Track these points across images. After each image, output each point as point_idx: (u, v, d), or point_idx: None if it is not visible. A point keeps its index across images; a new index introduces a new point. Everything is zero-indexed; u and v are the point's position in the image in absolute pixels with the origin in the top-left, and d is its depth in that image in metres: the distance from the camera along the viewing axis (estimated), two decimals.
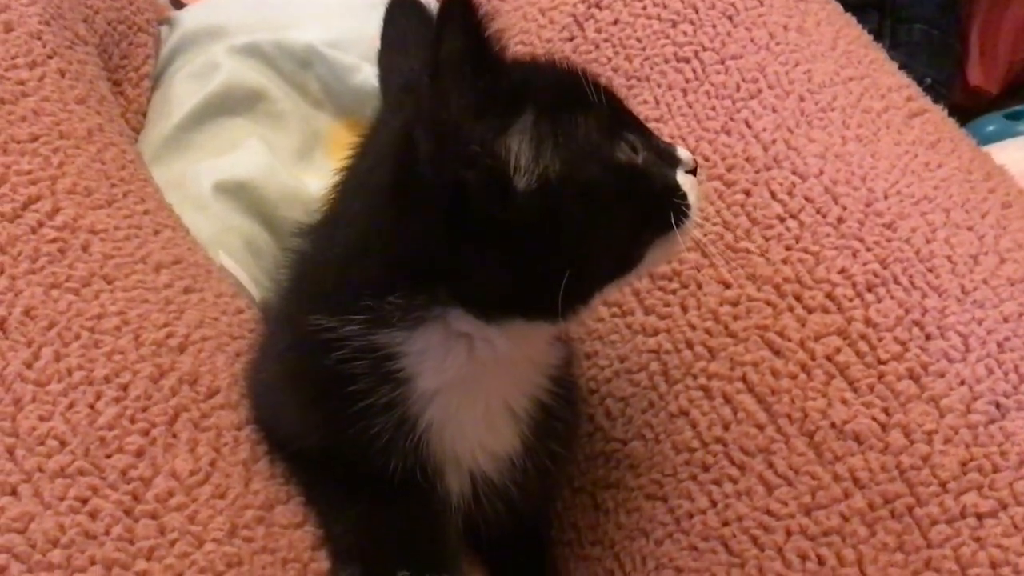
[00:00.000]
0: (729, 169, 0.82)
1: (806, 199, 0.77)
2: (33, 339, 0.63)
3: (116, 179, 0.80)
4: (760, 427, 0.68)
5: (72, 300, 0.67)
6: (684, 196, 0.60)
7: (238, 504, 0.60)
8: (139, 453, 0.60)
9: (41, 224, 0.70)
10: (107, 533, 0.55)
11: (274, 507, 0.61)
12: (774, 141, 0.82)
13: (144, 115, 1.06)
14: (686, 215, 0.60)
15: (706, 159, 0.83)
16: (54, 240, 0.70)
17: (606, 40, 0.97)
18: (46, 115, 0.79)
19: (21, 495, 0.56)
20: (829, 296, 0.71)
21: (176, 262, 0.76)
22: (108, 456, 0.59)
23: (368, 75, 1.10)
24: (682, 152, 0.63)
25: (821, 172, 0.78)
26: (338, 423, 0.59)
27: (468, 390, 0.60)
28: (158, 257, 0.75)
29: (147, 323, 0.68)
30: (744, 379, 0.71)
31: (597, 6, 1.00)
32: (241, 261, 0.88)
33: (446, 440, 0.61)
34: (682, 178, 0.61)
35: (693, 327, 0.75)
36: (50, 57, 0.85)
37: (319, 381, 0.60)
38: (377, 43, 1.14)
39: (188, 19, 1.17)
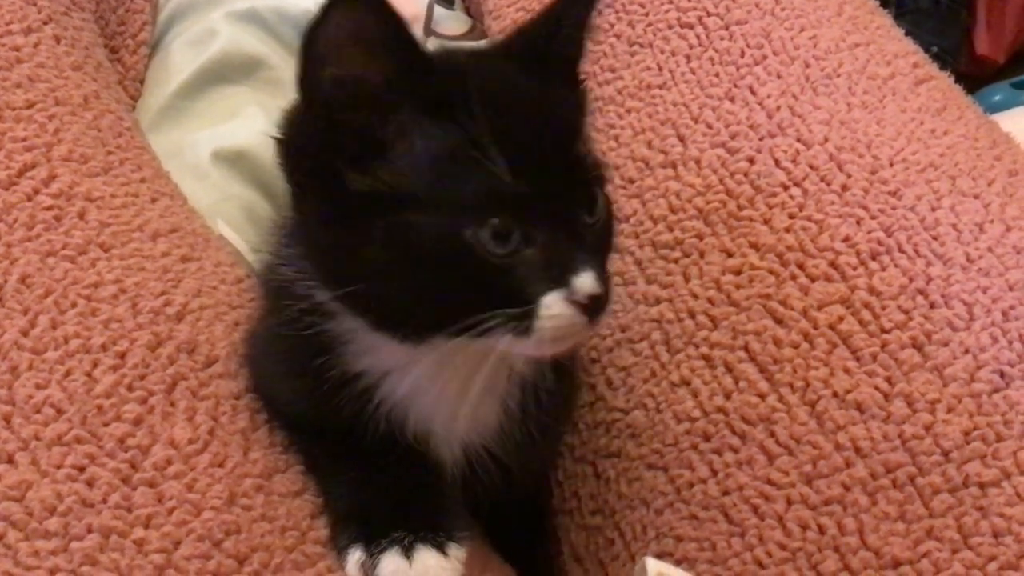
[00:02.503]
0: (733, 136, 0.81)
1: (810, 166, 0.76)
2: (29, 307, 0.63)
3: (112, 146, 0.79)
4: (762, 396, 0.68)
5: (68, 268, 0.66)
6: (529, 316, 0.52)
7: (236, 472, 0.60)
8: (137, 421, 0.60)
9: (37, 191, 0.70)
10: (104, 501, 0.55)
11: (272, 476, 0.61)
12: (778, 108, 0.81)
13: (142, 82, 1.05)
14: (524, 333, 0.52)
15: (709, 126, 0.82)
16: (50, 207, 0.69)
17: (608, 6, 0.96)
18: (41, 81, 0.78)
19: (18, 463, 0.55)
20: (832, 264, 0.70)
21: (174, 230, 0.75)
22: (105, 424, 0.59)
23: None
24: (583, 282, 0.52)
25: (826, 139, 0.77)
26: (316, 392, 0.60)
27: (424, 368, 0.58)
28: (155, 225, 0.74)
29: (144, 291, 0.67)
30: (746, 348, 0.70)
31: None
32: (240, 230, 0.88)
33: (417, 412, 0.61)
34: (553, 303, 0.52)
35: (695, 296, 0.74)
36: (45, 23, 0.84)
37: (295, 349, 0.60)
38: None
39: None
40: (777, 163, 0.77)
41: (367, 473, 0.60)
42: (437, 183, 0.52)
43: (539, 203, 0.52)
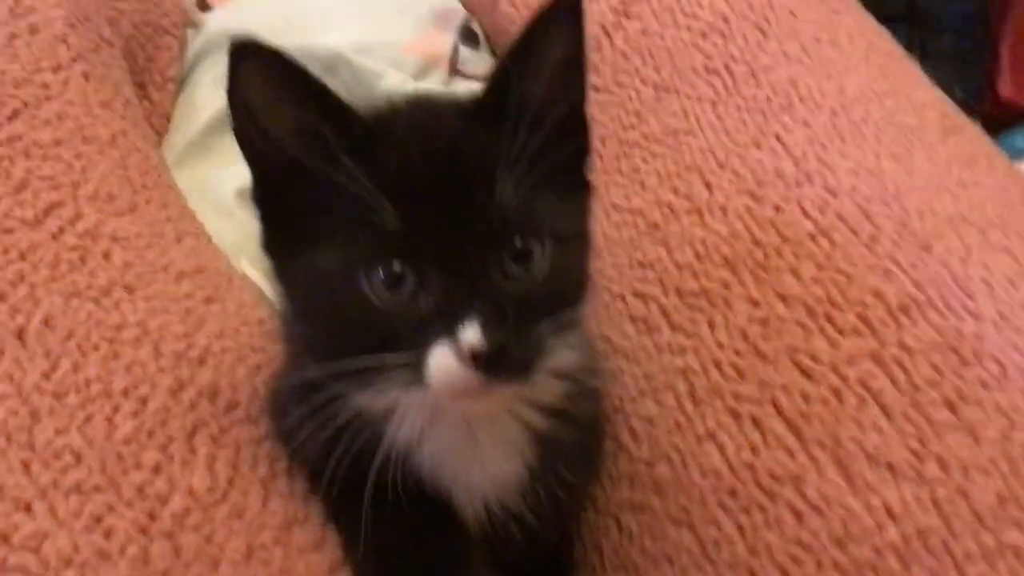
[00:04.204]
0: (759, 184, 0.80)
1: (838, 217, 0.75)
2: (52, 349, 0.63)
3: (139, 185, 0.79)
4: (791, 453, 0.66)
5: (92, 309, 0.66)
6: (419, 366, 0.52)
7: (255, 524, 0.59)
8: (156, 469, 0.59)
9: (62, 231, 0.70)
10: (122, 553, 0.54)
11: (292, 527, 0.60)
12: (806, 156, 0.80)
13: (168, 118, 1.06)
14: (419, 384, 0.52)
15: (736, 173, 0.81)
16: (75, 247, 0.69)
17: (635, 50, 0.95)
18: (70, 119, 0.78)
19: (35, 512, 0.55)
20: (862, 318, 0.69)
21: (198, 270, 0.75)
22: (125, 472, 0.58)
23: (393, 81, 1.09)
24: (467, 334, 0.50)
25: (854, 189, 0.76)
26: (339, 446, 0.58)
27: (440, 425, 0.58)
28: (180, 265, 0.74)
29: (167, 334, 0.67)
30: (774, 402, 0.68)
31: (626, 15, 0.98)
32: (264, 269, 0.87)
33: (437, 468, 0.60)
34: (440, 354, 0.51)
35: (721, 346, 0.73)
36: (74, 60, 0.84)
37: (304, 391, 0.59)
38: (405, 48, 1.15)
39: (214, 22, 1.17)
40: (805, 213, 0.76)
41: (390, 528, 0.59)
42: (337, 226, 0.53)
43: (433, 249, 0.52)
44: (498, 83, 0.57)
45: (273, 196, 0.57)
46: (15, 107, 0.75)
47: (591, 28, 0.99)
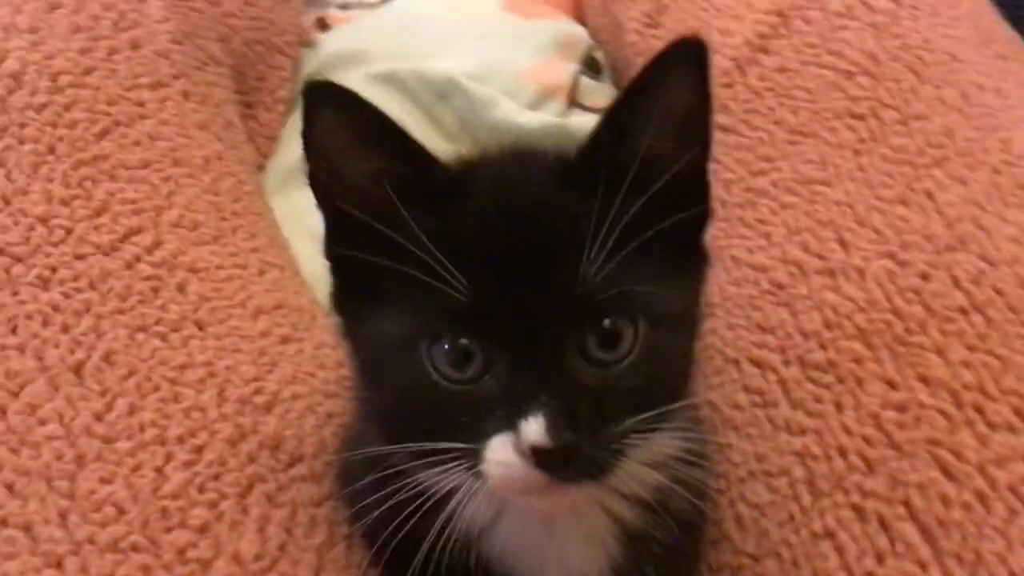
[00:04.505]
0: (904, 247, 0.71)
1: (996, 291, 0.66)
2: (108, 388, 0.59)
3: (228, 212, 0.75)
4: (922, 566, 0.58)
5: (157, 346, 0.62)
6: (475, 457, 0.47)
7: None
8: (203, 529, 0.54)
9: (138, 259, 0.66)
10: None
11: None
12: (960, 218, 0.71)
13: (275, 140, 1.03)
14: (475, 475, 0.47)
15: (877, 232, 0.73)
16: (149, 277, 0.65)
17: (769, 89, 0.87)
18: (162, 140, 0.75)
19: (66, 569, 0.51)
20: (1018, 412, 0.60)
21: (278, 307, 0.71)
22: (168, 531, 0.54)
23: (506, 110, 1.04)
24: (529, 428, 0.44)
25: (1016, 260, 0.67)
26: (401, 521, 0.52)
27: (513, 509, 0.53)
28: (259, 301, 0.70)
29: (235, 376, 0.63)
30: (907, 503, 0.60)
31: (763, 51, 0.90)
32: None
33: (509, 558, 0.55)
34: (500, 446, 0.46)
35: (848, 431, 0.65)
36: (176, 78, 0.81)
37: (381, 473, 0.53)
38: (522, 76, 1.09)
39: (330, 43, 1.14)
40: (956, 283, 0.68)
41: None
42: (405, 290, 0.48)
43: (504, 327, 0.46)
44: (602, 135, 0.51)
45: (346, 249, 0.51)
46: (105, 125, 0.72)
47: (724, 63, 0.91)
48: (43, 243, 0.64)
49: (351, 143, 0.49)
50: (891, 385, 0.65)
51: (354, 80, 1.04)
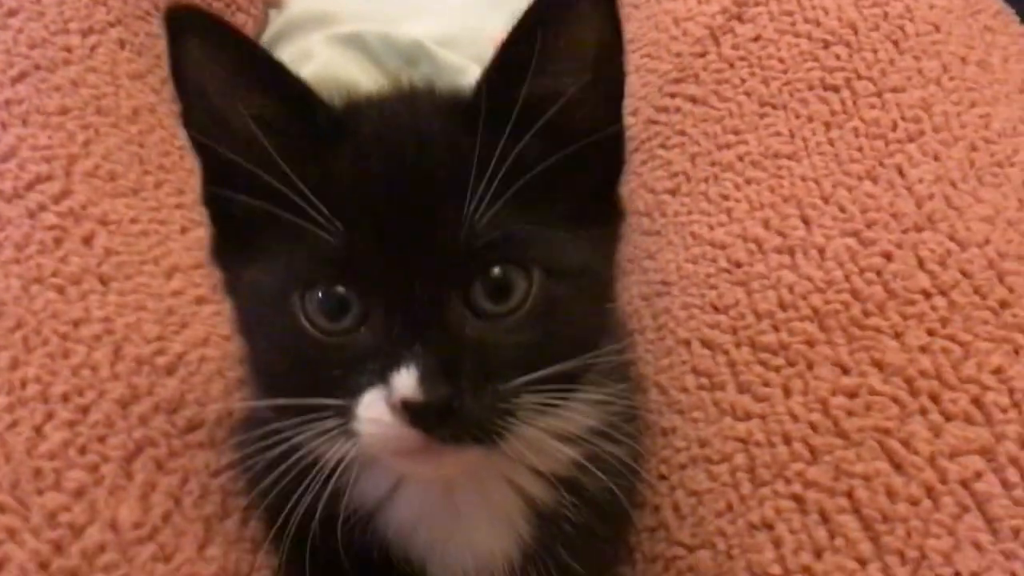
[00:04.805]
0: (869, 225, 0.67)
1: (962, 272, 0.63)
2: None
3: (153, 166, 0.71)
4: (861, 562, 0.54)
5: (51, 299, 0.58)
6: (347, 415, 0.43)
7: (183, 572, 0.49)
8: (78, 493, 0.50)
9: (42, 207, 0.62)
10: None
11: None
12: (931, 196, 0.67)
13: None
14: (349, 434, 0.43)
15: (842, 209, 0.69)
16: (52, 227, 0.61)
17: (742, 59, 0.83)
18: (86, 87, 0.71)
19: None
20: (976, 402, 0.57)
21: (197, 266, 0.67)
22: (40, 492, 0.49)
23: (476, 78, 0.99)
24: (402, 383, 0.41)
25: (987, 241, 0.64)
26: (302, 503, 0.47)
27: (412, 482, 0.49)
28: (176, 259, 0.66)
29: (135, 335, 0.59)
30: (850, 495, 0.57)
31: (739, 18, 0.85)
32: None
33: (407, 535, 0.51)
34: (371, 402, 0.42)
35: (795, 418, 0.61)
36: (112, 25, 0.77)
37: (256, 433, 0.49)
38: (493, 42, 1.05)
39: (297, 3, 1.10)
40: (921, 263, 0.64)
41: None
42: (281, 238, 0.44)
43: (381, 275, 0.42)
44: (496, 74, 0.46)
45: (222, 197, 0.47)
46: (23, 69, 0.68)
47: (699, 31, 0.86)
48: None
49: (225, 80, 0.45)
50: (843, 369, 0.61)
51: (315, 41, 1.00)
